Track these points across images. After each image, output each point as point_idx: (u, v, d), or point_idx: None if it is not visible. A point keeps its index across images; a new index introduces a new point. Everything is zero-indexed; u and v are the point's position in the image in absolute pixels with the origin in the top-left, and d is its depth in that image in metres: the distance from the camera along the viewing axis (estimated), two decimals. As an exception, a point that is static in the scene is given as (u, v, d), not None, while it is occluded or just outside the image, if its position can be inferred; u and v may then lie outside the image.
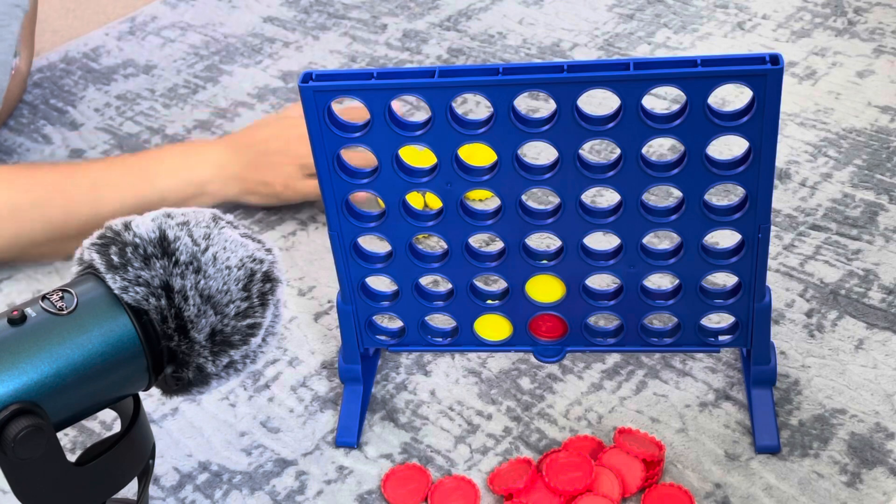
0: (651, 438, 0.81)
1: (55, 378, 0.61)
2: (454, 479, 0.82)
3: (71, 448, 0.88)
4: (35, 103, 1.33)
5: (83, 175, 1.05)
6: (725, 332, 0.84)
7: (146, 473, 0.69)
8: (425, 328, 0.88)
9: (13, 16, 1.09)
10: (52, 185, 1.03)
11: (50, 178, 1.04)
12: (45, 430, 0.60)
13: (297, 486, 0.83)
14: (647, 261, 0.81)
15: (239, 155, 1.07)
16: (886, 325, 0.90)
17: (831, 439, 0.82)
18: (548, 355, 0.88)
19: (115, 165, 1.08)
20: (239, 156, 1.07)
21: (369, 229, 0.82)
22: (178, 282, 0.64)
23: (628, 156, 0.75)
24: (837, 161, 1.08)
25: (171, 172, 1.06)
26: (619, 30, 1.32)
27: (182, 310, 0.64)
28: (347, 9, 1.45)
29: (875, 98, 1.16)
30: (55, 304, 0.63)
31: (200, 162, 1.07)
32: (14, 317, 0.62)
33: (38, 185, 1.03)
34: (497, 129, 0.75)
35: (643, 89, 0.72)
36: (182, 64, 1.38)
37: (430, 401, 0.89)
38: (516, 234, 0.81)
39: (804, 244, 0.99)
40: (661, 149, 1.11)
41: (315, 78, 0.75)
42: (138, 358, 0.64)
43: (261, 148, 1.07)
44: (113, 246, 0.65)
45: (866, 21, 1.29)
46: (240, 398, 0.91)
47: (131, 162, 1.08)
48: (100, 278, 0.65)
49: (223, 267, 0.66)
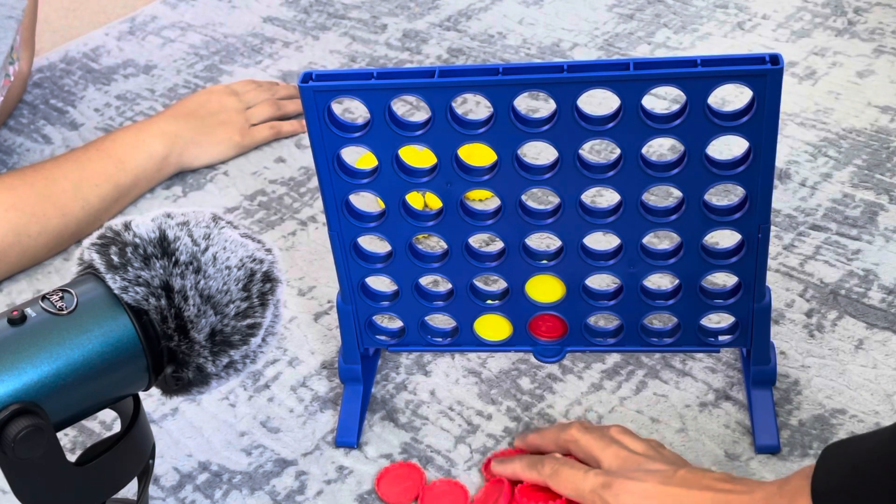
0: None
1: (55, 378, 0.61)
2: (447, 482, 0.82)
3: (71, 448, 0.88)
4: (35, 103, 1.33)
5: (62, 177, 1.06)
6: (725, 332, 0.84)
7: (146, 473, 0.69)
8: (425, 328, 0.88)
9: (7, 27, 1.09)
10: (42, 197, 1.04)
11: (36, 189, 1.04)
12: (45, 430, 0.60)
13: (297, 486, 0.83)
14: (647, 261, 0.81)
15: (186, 122, 1.15)
16: (886, 325, 0.90)
17: (831, 439, 0.82)
18: (548, 355, 0.88)
19: (84, 159, 1.09)
20: (186, 123, 1.15)
21: (369, 229, 0.82)
22: (178, 282, 0.64)
23: (628, 156, 0.75)
24: (837, 161, 1.08)
25: (134, 151, 1.11)
26: (619, 30, 1.32)
27: (182, 310, 0.64)
28: (347, 9, 1.45)
29: (875, 98, 1.16)
30: (55, 304, 0.63)
31: (153, 135, 1.13)
32: (14, 317, 0.62)
33: (27, 197, 1.03)
34: (497, 129, 0.75)
35: (643, 89, 0.72)
36: (182, 64, 1.38)
37: (430, 401, 0.89)
38: (516, 234, 0.81)
39: (804, 244, 0.99)
40: (661, 149, 1.11)
41: (315, 78, 0.75)
42: (138, 358, 0.64)
43: (202, 112, 1.17)
44: (113, 246, 0.65)
45: (866, 21, 1.29)
46: (240, 398, 0.91)
47: (94, 153, 1.09)
48: (100, 278, 0.65)
49: (223, 267, 0.66)
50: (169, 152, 1.13)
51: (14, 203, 1.02)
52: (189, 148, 1.15)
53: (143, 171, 1.11)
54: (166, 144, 1.13)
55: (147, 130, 1.13)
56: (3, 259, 1.01)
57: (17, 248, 1.02)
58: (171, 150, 1.13)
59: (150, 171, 1.12)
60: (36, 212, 1.03)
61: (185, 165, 1.16)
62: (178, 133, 1.14)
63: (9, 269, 1.03)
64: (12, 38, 1.11)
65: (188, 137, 1.15)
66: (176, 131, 1.14)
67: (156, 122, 1.14)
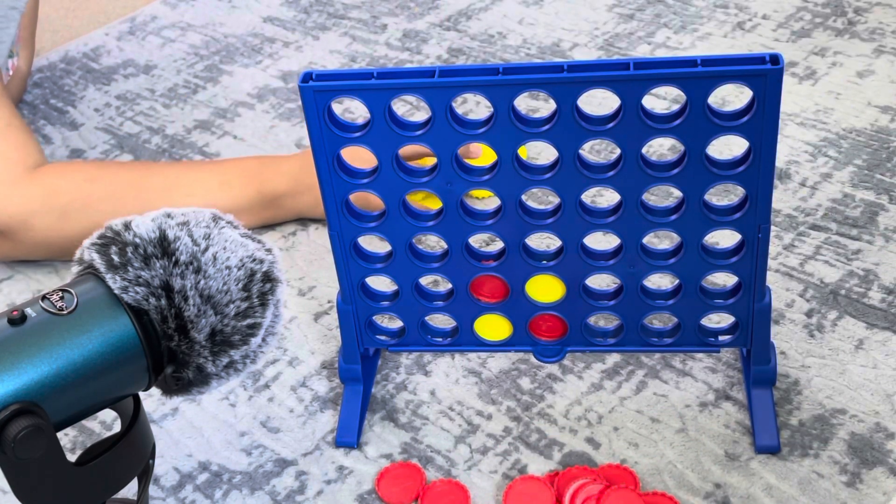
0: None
1: (55, 378, 0.61)
2: (447, 482, 0.82)
3: (71, 448, 0.88)
4: (35, 103, 1.33)
5: (159, 175, 1.06)
6: (725, 332, 0.84)
7: (146, 473, 0.69)
8: (425, 328, 0.88)
9: (10, 18, 1.09)
10: (127, 183, 1.04)
11: (126, 177, 1.05)
12: (45, 430, 0.60)
13: (297, 486, 0.83)
14: (647, 261, 0.81)
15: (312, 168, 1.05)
16: (886, 325, 0.90)
17: (831, 439, 0.82)
18: (548, 355, 0.88)
19: (192, 169, 1.08)
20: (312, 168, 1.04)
21: (369, 229, 0.82)
22: (178, 282, 0.64)
23: (628, 156, 0.75)
24: (837, 161, 1.08)
25: (246, 182, 1.05)
26: (619, 30, 1.32)
27: (182, 310, 0.64)
28: (347, 9, 1.45)
29: (875, 98, 1.16)
30: (55, 304, 0.63)
31: (277, 174, 1.06)
32: (14, 317, 0.62)
33: (114, 181, 1.04)
34: (497, 129, 0.75)
35: (643, 89, 0.72)
36: (182, 64, 1.38)
37: (430, 401, 0.89)
38: (516, 234, 0.81)
39: (804, 244, 0.99)
40: (661, 149, 1.11)
41: (315, 78, 0.75)
42: (138, 358, 0.64)
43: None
44: (113, 246, 0.65)
45: (866, 21, 1.29)
46: (240, 398, 0.91)
47: (208, 167, 1.08)
48: (100, 278, 0.65)
49: (223, 267, 0.66)
50: (283, 194, 1.06)
51: (96, 177, 1.03)
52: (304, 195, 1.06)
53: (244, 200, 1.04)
54: (279, 184, 1.06)
55: (268, 166, 1.07)
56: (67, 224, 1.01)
57: (82, 217, 1.01)
58: (287, 193, 1.06)
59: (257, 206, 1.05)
60: (115, 193, 1.02)
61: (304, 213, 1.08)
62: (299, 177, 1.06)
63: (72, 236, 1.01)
64: (15, 28, 1.11)
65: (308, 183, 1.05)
66: (297, 175, 1.06)
67: (282, 161, 1.08)
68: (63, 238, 1.02)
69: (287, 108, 1.27)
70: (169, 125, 1.27)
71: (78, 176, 1.03)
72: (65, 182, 1.02)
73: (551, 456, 0.83)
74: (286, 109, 1.27)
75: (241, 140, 1.23)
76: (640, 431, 0.84)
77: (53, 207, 1.01)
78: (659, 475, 0.81)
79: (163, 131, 1.26)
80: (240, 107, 1.29)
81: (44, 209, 1.01)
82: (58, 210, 1.01)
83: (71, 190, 1.02)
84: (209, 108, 1.29)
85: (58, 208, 1.01)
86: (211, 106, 1.29)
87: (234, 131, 1.25)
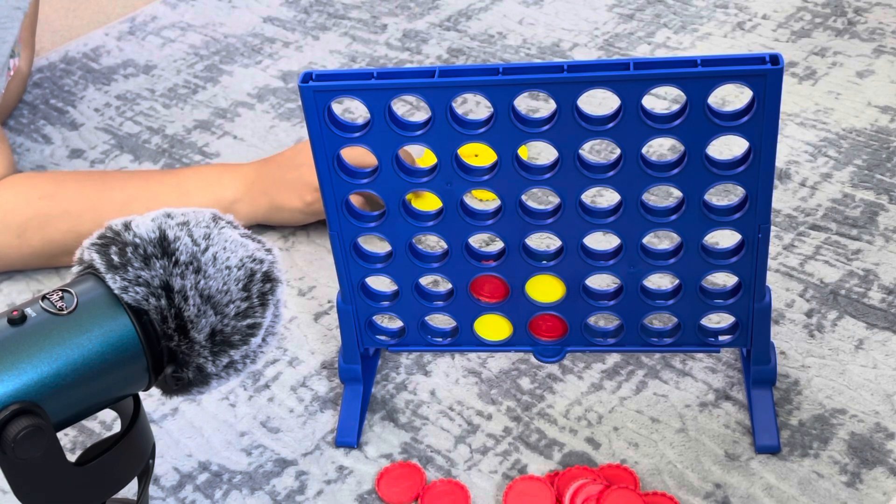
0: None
1: (55, 378, 0.61)
2: (447, 482, 0.82)
3: (71, 448, 0.88)
4: (35, 103, 1.33)
5: (117, 189, 1.05)
6: (725, 332, 0.84)
7: (146, 473, 0.69)
8: (425, 328, 0.88)
9: (14, 18, 1.09)
10: (84, 198, 1.04)
11: (83, 193, 1.04)
12: (45, 430, 0.60)
13: (297, 486, 0.83)
14: (647, 261, 0.81)
15: (266, 173, 1.06)
16: (886, 325, 0.90)
17: (831, 439, 0.82)
18: (548, 355, 0.88)
19: (150, 181, 1.07)
20: (267, 174, 1.06)
21: (369, 229, 0.82)
22: (178, 282, 0.64)
23: (628, 156, 0.75)
24: (837, 161, 1.08)
25: (203, 190, 1.05)
26: (619, 30, 1.32)
27: (182, 310, 0.64)
28: (347, 9, 1.45)
29: (875, 98, 1.16)
30: (55, 304, 0.63)
31: (232, 180, 1.06)
32: (14, 317, 0.62)
33: (72, 198, 1.03)
34: (497, 129, 0.75)
35: (643, 89, 0.72)
36: (182, 64, 1.38)
37: (430, 401, 0.89)
38: (516, 234, 0.81)
39: (804, 244, 0.99)
40: (661, 149, 1.11)
41: (315, 78, 0.75)
42: (138, 358, 0.64)
43: (283, 167, 1.06)
44: (113, 246, 0.65)
45: (866, 21, 1.29)
46: (240, 398, 0.91)
47: (166, 179, 1.07)
48: (100, 278, 0.65)
49: (223, 267, 0.66)
50: (238, 199, 1.05)
51: (52, 194, 1.02)
52: (259, 200, 1.06)
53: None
54: (237, 190, 1.05)
55: (227, 172, 1.07)
56: (25, 242, 1.02)
57: (39, 235, 1.02)
58: (242, 198, 1.05)
59: None
60: (71, 210, 1.02)
61: (259, 219, 1.07)
62: (255, 182, 1.06)
63: (31, 253, 1.03)
64: (18, 28, 1.11)
65: (262, 189, 1.05)
66: (253, 180, 1.06)
67: (240, 167, 1.08)
68: (22, 255, 1.04)
69: (287, 108, 1.27)
70: (169, 125, 1.27)
71: (34, 193, 1.03)
72: (20, 201, 1.02)
73: (551, 456, 0.83)
74: (286, 109, 1.27)
75: (241, 140, 1.23)
76: (640, 431, 0.84)
77: (10, 226, 1.02)
78: (659, 475, 0.81)
79: (163, 131, 1.26)
80: (240, 107, 1.29)
81: (1, 228, 1.02)
82: (15, 228, 1.02)
83: (26, 209, 1.02)
84: (209, 108, 1.29)
85: (14, 227, 1.02)
86: (211, 106, 1.29)
87: (234, 131, 1.25)
